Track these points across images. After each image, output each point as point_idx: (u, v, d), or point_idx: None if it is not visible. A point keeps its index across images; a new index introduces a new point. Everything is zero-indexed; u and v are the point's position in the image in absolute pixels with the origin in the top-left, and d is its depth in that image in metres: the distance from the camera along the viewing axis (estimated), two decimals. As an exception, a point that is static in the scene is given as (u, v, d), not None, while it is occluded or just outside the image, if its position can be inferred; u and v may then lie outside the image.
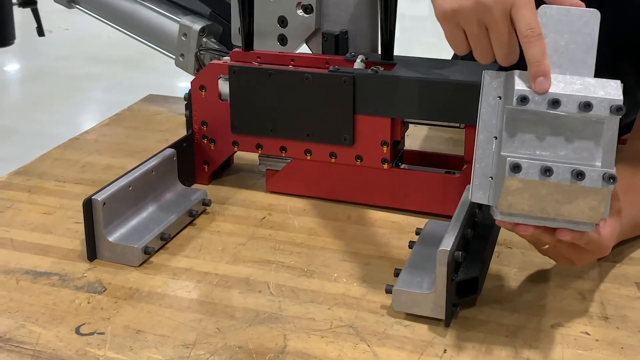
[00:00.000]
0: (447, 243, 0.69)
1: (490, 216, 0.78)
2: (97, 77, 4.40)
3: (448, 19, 0.66)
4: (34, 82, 4.66)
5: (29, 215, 0.90)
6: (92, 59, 4.44)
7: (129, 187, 0.83)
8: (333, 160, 0.92)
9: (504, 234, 0.87)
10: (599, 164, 0.64)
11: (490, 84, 0.66)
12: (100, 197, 0.79)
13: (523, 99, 0.62)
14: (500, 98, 0.66)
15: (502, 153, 0.64)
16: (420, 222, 0.87)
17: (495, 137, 0.66)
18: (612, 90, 0.63)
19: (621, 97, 0.63)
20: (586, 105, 0.62)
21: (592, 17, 0.65)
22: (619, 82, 0.64)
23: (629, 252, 0.83)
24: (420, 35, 4.38)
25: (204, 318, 0.71)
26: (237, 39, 1.04)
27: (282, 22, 1.02)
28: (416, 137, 1.14)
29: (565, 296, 0.75)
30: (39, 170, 1.03)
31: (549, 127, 0.64)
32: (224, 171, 1.02)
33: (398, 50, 0.95)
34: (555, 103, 0.62)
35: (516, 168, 0.62)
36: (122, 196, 0.82)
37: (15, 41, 1.86)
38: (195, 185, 0.98)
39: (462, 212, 0.75)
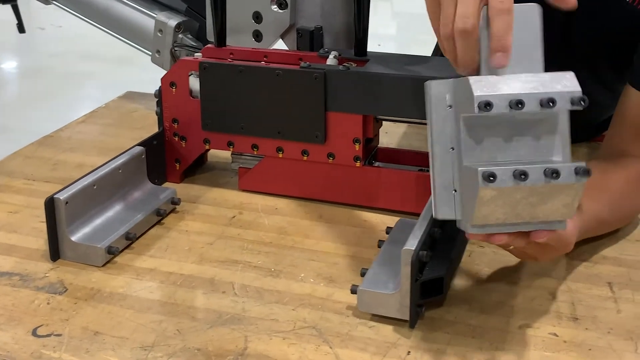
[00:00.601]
0: (412, 242, 0.67)
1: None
2: (91, 74, 4.38)
3: None
4: (27, 79, 4.64)
5: (-5, 214, 0.88)
6: (86, 56, 4.42)
7: (94, 185, 0.81)
8: (305, 158, 0.90)
9: (477, 233, 0.86)
10: (560, 158, 0.62)
11: (438, 93, 0.64)
12: (62, 196, 0.77)
13: (487, 105, 0.60)
14: (450, 107, 0.64)
15: (465, 164, 0.62)
16: (393, 220, 0.85)
17: (452, 148, 0.64)
18: (568, 82, 0.62)
19: (579, 88, 0.62)
20: (549, 101, 0.60)
21: (533, 12, 0.63)
22: (572, 73, 0.63)
23: (602, 251, 0.82)
24: (416, 34, 4.38)
25: (165, 319, 0.69)
26: (212, 35, 1.02)
27: (257, 17, 1.01)
28: (394, 134, 1.13)
29: (536, 296, 0.74)
30: (8, 168, 1.01)
31: (506, 128, 0.63)
32: (197, 169, 1.00)
33: (395, 49, 0.94)
34: (519, 104, 0.60)
35: (491, 177, 0.58)
36: (86, 195, 0.80)
37: (8, 39, 1.83)
38: (166, 184, 0.96)
39: (429, 210, 0.73)
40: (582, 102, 0.61)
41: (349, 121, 0.88)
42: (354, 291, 0.70)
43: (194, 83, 0.93)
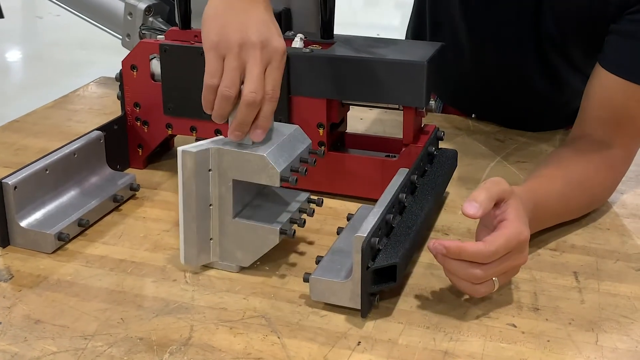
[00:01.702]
0: (364, 229, 0.65)
1: (420, 202, 0.74)
2: (88, 63, 4.35)
3: (214, 48, 0.70)
4: (25, 68, 4.62)
5: (-52, 200, 0.86)
6: (84, 45, 4.39)
7: (46, 170, 0.79)
8: (269, 143, 0.88)
9: (442, 220, 0.83)
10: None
11: (199, 159, 0.70)
12: (11, 180, 0.75)
13: (283, 180, 0.69)
14: (210, 170, 0.71)
15: (236, 219, 0.71)
16: (358, 207, 0.83)
17: (211, 205, 0.72)
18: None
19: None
20: None
21: None
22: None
23: (571, 240, 0.79)
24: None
25: (110, 308, 0.67)
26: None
27: None
28: (369, 120, 1.10)
29: (499, 286, 0.71)
30: (-30, 153, 0.99)
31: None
32: (162, 155, 0.98)
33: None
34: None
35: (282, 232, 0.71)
36: (38, 180, 0.78)
37: (6, 28, 1.80)
38: (129, 170, 0.94)
39: (387, 196, 0.71)
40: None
41: (313, 105, 0.85)
42: (306, 279, 0.67)
43: (156, 66, 0.90)
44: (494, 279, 0.65)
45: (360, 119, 1.11)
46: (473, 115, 1.11)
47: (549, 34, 0.92)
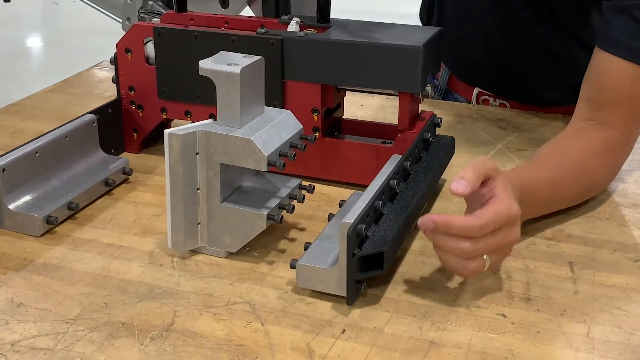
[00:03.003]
0: (351, 216, 0.63)
1: (412, 189, 0.73)
2: (103, 49, 4.36)
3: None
4: (41, 54, 4.64)
5: (-59, 182, 0.86)
6: (99, 31, 4.40)
7: (36, 153, 0.78)
8: (263, 128, 0.86)
9: (437, 208, 0.82)
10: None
11: (185, 142, 0.69)
12: (0, 162, 0.74)
13: (270, 164, 0.68)
14: (198, 153, 0.69)
15: (223, 204, 0.71)
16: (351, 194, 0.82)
17: (199, 189, 0.70)
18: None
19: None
20: None
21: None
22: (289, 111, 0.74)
23: (568, 229, 0.77)
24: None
25: (94, 292, 0.66)
26: (177, 1, 0.99)
27: (223, -17, 0.97)
28: (371, 105, 1.09)
29: (489, 274, 0.70)
30: (-34, 136, 0.99)
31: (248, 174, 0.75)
32: (158, 139, 0.97)
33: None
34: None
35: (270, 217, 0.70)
36: (28, 162, 0.77)
37: (23, 15, 1.80)
38: (123, 154, 0.93)
39: (377, 183, 0.70)
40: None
41: (308, 90, 0.84)
42: (293, 266, 0.66)
43: (150, 49, 0.89)
44: (484, 256, 0.63)
45: (361, 105, 1.10)
46: (476, 90, 1.10)
47: (523, 17, 0.91)
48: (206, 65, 0.70)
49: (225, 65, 0.69)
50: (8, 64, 4.24)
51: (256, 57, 0.71)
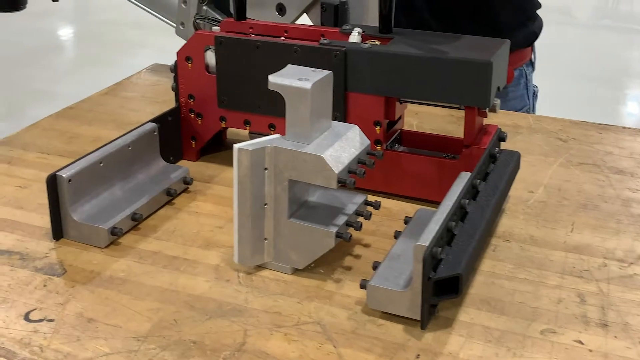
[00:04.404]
0: (426, 238, 0.62)
1: (482, 208, 0.71)
2: (140, 43, 4.39)
3: None
4: (78, 46, 4.68)
5: (3, 189, 0.86)
6: (136, 24, 4.42)
7: (100, 162, 0.78)
8: (324, 139, 0.85)
9: (503, 226, 0.80)
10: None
11: (254, 158, 0.68)
12: (65, 173, 0.74)
13: (340, 182, 0.68)
14: (266, 169, 0.69)
15: (291, 220, 0.70)
16: (414, 209, 0.80)
17: (266, 204, 0.70)
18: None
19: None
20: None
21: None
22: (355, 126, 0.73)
23: (639, 251, 0.76)
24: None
25: (162, 308, 0.66)
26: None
27: (281, -11, 0.96)
28: (425, 114, 1.07)
29: (563, 298, 0.68)
30: (24, 140, 0.99)
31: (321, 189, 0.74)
32: (215, 148, 0.96)
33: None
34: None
35: (338, 235, 0.70)
36: (92, 172, 0.77)
37: (60, 7, 1.80)
38: (182, 162, 0.93)
39: (448, 202, 0.68)
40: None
41: (371, 102, 0.82)
42: (363, 286, 0.65)
43: (211, 58, 0.89)
44: None
45: (416, 114, 1.08)
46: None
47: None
48: (276, 79, 0.69)
49: (295, 80, 0.68)
50: (42, 55, 4.29)
51: (325, 72, 0.70)
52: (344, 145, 0.70)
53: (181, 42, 0.94)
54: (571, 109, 2.93)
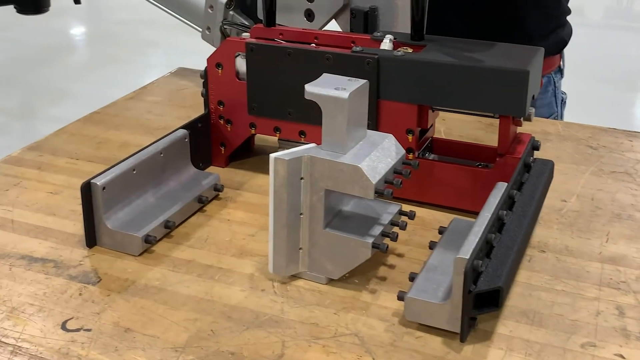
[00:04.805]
0: (466, 250, 0.62)
1: (519, 219, 0.71)
2: (156, 42, 4.40)
3: None
4: (92, 46, 4.69)
5: (35, 195, 0.86)
6: (151, 24, 4.44)
7: (133, 170, 0.78)
8: (355, 147, 0.85)
9: (538, 236, 0.79)
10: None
11: (291, 167, 0.68)
12: (100, 181, 0.74)
13: (377, 192, 0.67)
14: (302, 179, 0.69)
15: (326, 230, 0.69)
16: (447, 218, 0.80)
17: (302, 214, 0.70)
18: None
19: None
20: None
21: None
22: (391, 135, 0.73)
23: (678, 263, 0.75)
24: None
25: (200, 318, 0.65)
26: (262, 14, 0.97)
27: (310, -5, 0.95)
28: (453, 120, 1.07)
29: (602, 310, 0.68)
30: (53, 145, 0.99)
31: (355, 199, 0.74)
32: (243, 154, 0.96)
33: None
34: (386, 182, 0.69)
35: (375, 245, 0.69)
36: (125, 180, 0.77)
37: (74, 6, 1.81)
38: (210, 168, 0.93)
39: (486, 213, 0.68)
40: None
41: (403, 111, 0.82)
42: (401, 297, 0.65)
43: (241, 64, 0.88)
44: None
45: (443, 120, 1.07)
46: None
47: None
48: (313, 89, 0.69)
49: (332, 90, 0.68)
50: (57, 55, 4.31)
51: (361, 81, 0.70)
52: (380, 155, 0.70)
53: (193, 42, 0.94)
54: (591, 111, 2.91)
